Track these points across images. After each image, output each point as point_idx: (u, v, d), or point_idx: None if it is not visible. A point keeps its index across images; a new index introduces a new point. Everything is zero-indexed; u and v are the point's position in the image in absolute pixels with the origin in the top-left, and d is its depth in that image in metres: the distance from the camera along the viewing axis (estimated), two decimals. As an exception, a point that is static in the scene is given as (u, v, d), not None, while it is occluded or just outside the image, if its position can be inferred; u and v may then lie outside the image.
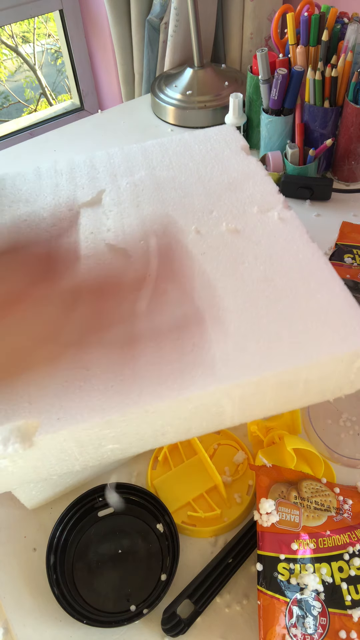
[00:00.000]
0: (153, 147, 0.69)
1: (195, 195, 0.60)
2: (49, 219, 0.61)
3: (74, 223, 0.60)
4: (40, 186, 0.66)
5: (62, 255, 0.56)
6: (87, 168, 0.67)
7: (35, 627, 0.47)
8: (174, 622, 0.45)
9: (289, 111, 0.84)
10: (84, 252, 0.56)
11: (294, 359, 0.43)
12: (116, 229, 0.58)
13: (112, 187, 0.63)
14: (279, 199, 0.58)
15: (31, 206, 0.63)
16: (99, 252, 0.55)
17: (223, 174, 0.62)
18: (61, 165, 0.68)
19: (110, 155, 0.68)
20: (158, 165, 0.66)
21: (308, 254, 0.51)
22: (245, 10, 1.05)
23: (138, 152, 0.68)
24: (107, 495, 0.52)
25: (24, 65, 2.43)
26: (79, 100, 1.50)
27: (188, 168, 0.64)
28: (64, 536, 0.51)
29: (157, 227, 0.57)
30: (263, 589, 0.44)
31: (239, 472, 0.55)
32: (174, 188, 0.61)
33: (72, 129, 1.09)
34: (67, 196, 0.63)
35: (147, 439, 0.46)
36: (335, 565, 0.46)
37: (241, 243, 0.53)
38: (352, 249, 0.74)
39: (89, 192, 0.63)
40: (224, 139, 0.68)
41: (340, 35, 0.78)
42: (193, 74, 1.06)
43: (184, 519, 0.52)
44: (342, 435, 0.58)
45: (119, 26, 1.18)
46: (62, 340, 0.47)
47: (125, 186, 0.63)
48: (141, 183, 0.63)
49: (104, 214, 0.60)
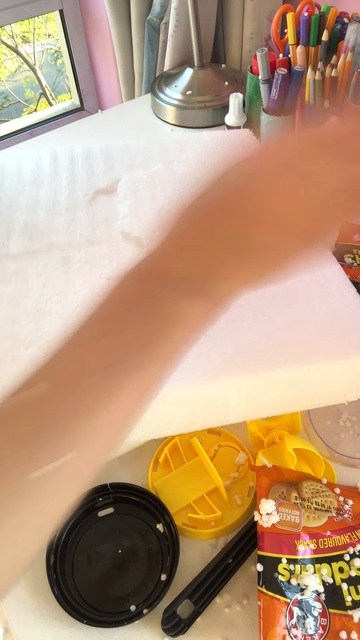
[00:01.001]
0: (170, 142, 0.69)
1: None
2: (64, 203, 0.61)
3: (88, 208, 0.59)
4: (55, 170, 0.66)
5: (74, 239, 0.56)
6: (103, 156, 0.67)
7: (35, 627, 0.47)
8: (174, 622, 0.45)
9: (289, 111, 0.84)
10: (97, 237, 0.56)
11: (304, 359, 0.44)
12: (131, 217, 0.58)
13: (128, 177, 0.63)
14: None
15: (46, 189, 0.63)
16: (113, 239, 0.56)
17: None
18: (77, 151, 0.68)
19: (127, 146, 0.68)
20: (175, 159, 0.65)
21: (321, 258, 0.51)
22: (245, 10, 1.05)
23: (155, 146, 0.68)
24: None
25: (24, 65, 2.43)
26: (79, 100, 1.50)
27: (206, 166, 0.64)
28: (64, 536, 0.51)
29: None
30: (263, 589, 0.44)
31: (240, 474, 0.55)
32: (190, 184, 0.61)
33: (72, 129, 1.09)
34: (82, 182, 0.63)
35: (151, 428, 0.46)
36: (335, 565, 0.46)
37: None
38: (352, 249, 0.74)
39: (105, 180, 0.63)
40: (241, 142, 0.68)
41: (340, 35, 0.78)
42: (193, 74, 1.06)
43: (184, 520, 0.52)
44: (342, 435, 0.58)
45: (119, 26, 1.18)
46: (72, 320, 0.48)
47: (141, 177, 0.63)
48: (157, 175, 0.63)
49: (119, 202, 0.60)
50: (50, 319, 0.48)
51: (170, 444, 0.56)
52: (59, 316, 0.48)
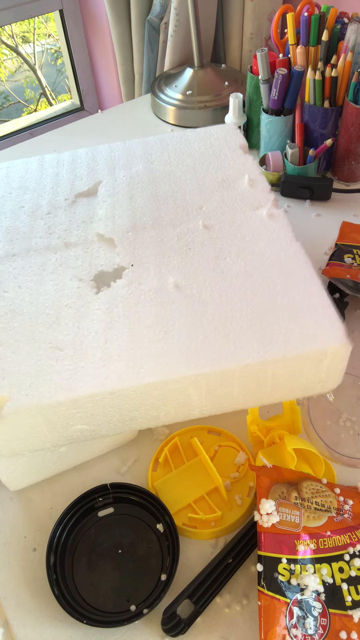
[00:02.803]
0: (154, 142, 0.70)
1: (188, 191, 0.61)
2: (45, 207, 0.62)
3: (68, 211, 0.61)
4: (41, 175, 0.67)
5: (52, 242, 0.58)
6: (88, 160, 0.68)
7: (35, 627, 0.47)
8: (174, 622, 0.45)
9: (289, 111, 0.84)
10: (73, 239, 0.57)
11: (260, 353, 0.44)
12: (107, 219, 0.59)
13: (109, 179, 0.64)
14: (269, 197, 0.59)
15: (30, 194, 0.64)
16: (88, 241, 0.57)
17: (218, 171, 0.63)
18: (64, 156, 0.70)
19: (112, 149, 0.70)
20: (157, 159, 0.67)
21: (290, 252, 0.52)
22: (245, 10, 1.05)
23: (139, 147, 0.69)
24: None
25: (24, 65, 2.43)
26: (79, 100, 1.50)
27: (185, 164, 0.65)
28: (64, 536, 0.51)
29: (146, 219, 0.58)
30: (263, 589, 0.44)
31: (240, 474, 0.55)
32: (168, 182, 0.62)
33: (72, 129, 1.09)
34: (65, 186, 0.64)
35: (115, 423, 0.47)
36: (335, 565, 0.46)
37: (226, 239, 0.54)
38: (352, 249, 0.74)
39: (87, 183, 0.64)
40: (224, 137, 0.69)
41: (340, 35, 0.78)
42: (193, 74, 1.06)
43: (184, 520, 0.52)
44: (342, 435, 0.58)
45: (119, 26, 1.18)
46: (40, 320, 0.50)
47: (121, 178, 0.64)
48: (137, 176, 0.64)
49: (97, 205, 0.61)
50: (21, 318, 0.50)
51: (171, 444, 0.56)
52: (30, 316, 0.50)
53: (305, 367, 0.46)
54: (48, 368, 0.45)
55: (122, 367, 0.44)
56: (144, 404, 0.45)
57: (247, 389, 0.46)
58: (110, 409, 0.45)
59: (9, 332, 0.48)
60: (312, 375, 0.47)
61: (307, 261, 0.51)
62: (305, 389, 0.48)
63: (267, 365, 0.44)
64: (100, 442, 0.56)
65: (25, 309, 0.50)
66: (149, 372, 0.44)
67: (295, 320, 0.46)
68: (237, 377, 0.45)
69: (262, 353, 0.44)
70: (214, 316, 0.47)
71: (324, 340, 0.44)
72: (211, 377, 0.44)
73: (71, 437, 0.48)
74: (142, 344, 0.46)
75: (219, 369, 0.44)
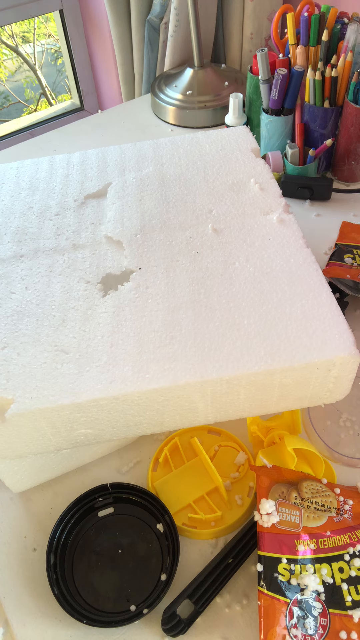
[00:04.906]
0: (165, 144, 0.69)
1: (198, 194, 0.60)
2: (54, 208, 0.62)
3: (77, 213, 0.61)
4: (51, 176, 0.67)
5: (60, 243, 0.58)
6: (98, 161, 0.68)
7: (35, 627, 0.47)
8: (174, 622, 0.45)
9: (289, 111, 0.84)
10: (82, 241, 0.57)
11: (267, 362, 0.43)
12: (116, 221, 0.59)
13: (119, 181, 0.64)
14: (280, 202, 0.58)
15: (40, 195, 0.64)
16: (96, 243, 0.56)
17: (229, 174, 0.63)
18: (74, 156, 0.69)
19: (122, 150, 0.69)
20: (167, 162, 0.66)
21: (300, 259, 0.51)
22: (245, 10, 1.05)
23: (150, 148, 0.69)
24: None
25: (24, 65, 2.43)
26: (79, 100, 1.50)
27: (196, 167, 0.65)
28: (64, 536, 0.51)
29: (155, 222, 0.58)
30: (263, 589, 0.44)
31: (240, 474, 0.55)
32: (178, 185, 0.62)
33: (72, 129, 1.09)
34: (75, 187, 0.64)
35: (120, 427, 0.47)
36: (335, 565, 0.46)
37: (236, 244, 0.54)
38: (352, 249, 0.74)
39: (96, 184, 0.64)
40: (235, 140, 0.68)
41: (340, 35, 0.78)
42: (193, 74, 1.06)
43: (184, 520, 0.52)
44: (342, 435, 0.58)
45: (119, 26, 1.18)
46: (46, 322, 0.49)
47: (131, 180, 0.64)
48: (147, 178, 0.64)
49: (106, 206, 0.61)
50: (28, 320, 0.49)
51: (171, 444, 0.56)
52: (36, 318, 0.49)
53: (313, 377, 0.45)
54: (53, 371, 0.45)
55: (127, 372, 0.44)
56: (148, 409, 0.45)
57: (253, 397, 0.46)
58: (115, 414, 0.45)
59: (15, 334, 0.48)
60: (319, 385, 0.46)
61: (317, 269, 0.50)
62: (312, 398, 0.48)
63: (274, 374, 0.44)
64: (104, 444, 0.56)
65: (32, 311, 0.50)
66: (154, 377, 0.43)
67: (304, 329, 0.45)
68: (244, 385, 0.44)
69: (269, 361, 0.43)
70: (221, 322, 0.46)
71: (333, 351, 0.44)
72: (217, 384, 0.44)
73: (75, 440, 0.47)
74: (148, 349, 0.45)
75: (225, 376, 0.43)
